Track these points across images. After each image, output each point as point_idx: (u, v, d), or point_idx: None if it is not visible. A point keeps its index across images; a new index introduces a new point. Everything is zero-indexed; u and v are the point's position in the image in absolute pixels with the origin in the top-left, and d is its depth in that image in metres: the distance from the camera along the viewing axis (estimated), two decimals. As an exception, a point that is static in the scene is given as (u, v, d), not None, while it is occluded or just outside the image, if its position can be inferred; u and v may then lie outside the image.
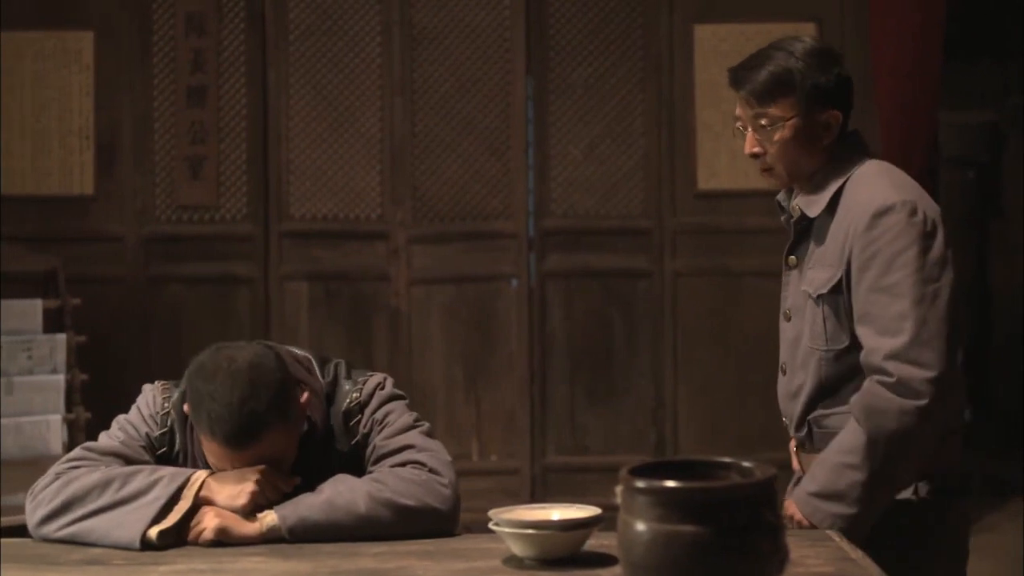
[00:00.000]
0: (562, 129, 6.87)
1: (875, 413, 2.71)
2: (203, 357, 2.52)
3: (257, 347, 2.54)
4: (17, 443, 5.74)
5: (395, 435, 2.61)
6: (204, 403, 2.45)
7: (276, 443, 2.48)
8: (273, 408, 2.45)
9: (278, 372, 2.50)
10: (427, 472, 2.53)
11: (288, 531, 2.45)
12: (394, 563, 2.26)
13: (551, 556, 2.21)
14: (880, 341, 2.73)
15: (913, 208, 2.80)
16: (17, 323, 5.85)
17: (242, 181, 6.86)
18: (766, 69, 2.96)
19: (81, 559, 2.35)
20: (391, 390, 2.69)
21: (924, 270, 2.75)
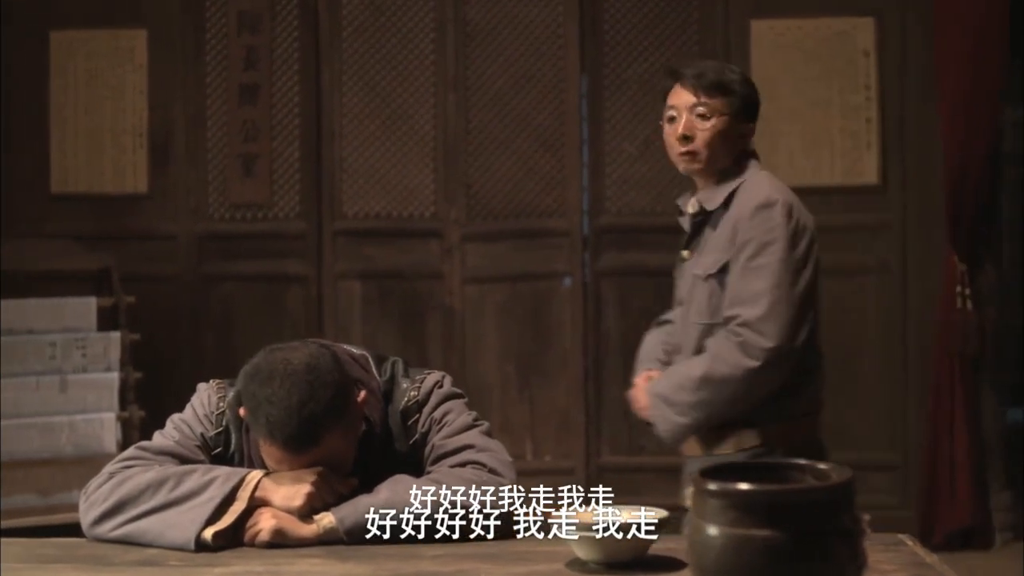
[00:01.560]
0: (616, 126, 6.80)
1: (717, 358, 3.31)
2: (258, 360, 2.47)
3: (312, 347, 2.48)
4: (71, 441, 5.73)
5: (454, 435, 2.55)
6: (262, 407, 2.40)
7: (335, 445, 2.43)
8: (332, 410, 2.40)
9: (335, 373, 2.44)
10: (487, 472, 2.47)
11: (346, 533, 2.39)
12: (454, 566, 2.20)
13: (616, 560, 2.15)
14: (739, 309, 3.29)
15: (790, 209, 3.39)
16: (72, 321, 5.84)
17: (295, 179, 6.83)
18: (715, 71, 3.52)
19: (136, 560, 2.31)
20: (449, 388, 2.63)
21: (787, 261, 3.30)
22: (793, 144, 6.65)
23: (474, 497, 2.42)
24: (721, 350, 3.31)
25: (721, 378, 3.31)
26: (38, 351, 5.75)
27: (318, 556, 2.31)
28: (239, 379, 2.57)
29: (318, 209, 6.81)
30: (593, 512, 2.24)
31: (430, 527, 2.40)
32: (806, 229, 3.39)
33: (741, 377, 3.29)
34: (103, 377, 5.87)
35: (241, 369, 2.61)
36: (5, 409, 5.67)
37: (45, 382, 5.75)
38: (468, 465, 2.49)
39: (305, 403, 2.38)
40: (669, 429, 3.47)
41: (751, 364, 3.26)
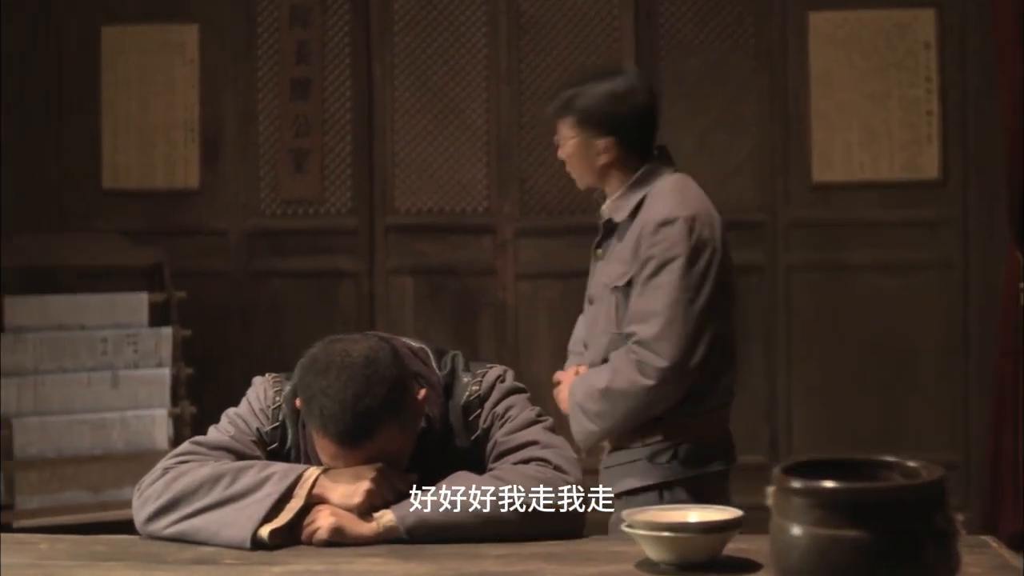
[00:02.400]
0: (672, 120, 6.68)
1: (617, 372, 3.38)
2: (316, 350, 2.39)
3: (372, 340, 2.41)
4: (123, 438, 5.69)
5: (517, 431, 2.47)
6: (317, 399, 2.32)
7: (391, 441, 2.35)
8: (388, 405, 2.32)
9: (394, 367, 2.37)
10: (552, 470, 2.39)
11: (407, 531, 2.31)
12: (519, 566, 2.12)
13: (689, 561, 2.06)
14: (637, 327, 3.35)
15: (691, 225, 3.41)
16: (123, 316, 5.81)
17: (347, 174, 6.77)
18: (559, 97, 3.62)
19: (190, 558, 2.24)
20: (512, 383, 2.55)
21: (686, 278, 3.33)
22: (851, 138, 6.54)
23: (538, 495, 2.34)
24: (620, 366, 3.39)
25: (620, 392, 3.38)
26: (90, 347, 5.72)
27: (378, 555, 2.23)
28: (296, 370, 2.51)
29: (370, 204, 6.75)
30: (665, 511, 2.15)
31: (493, 525, 2.32)
32: (707, 243, 3.41)
33: (637, 393, 3.36)
34: (155, 373, 5.83)
35: (298, 362, 2.55)
36: (57, 405, 5.64)
37: (97, 378, 5.72)
38: (532, 462, 2.41)
39: (361, 397, 2.30)
40: (580, 432, 3.54)
41: (646, 383, 3.33)
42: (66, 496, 5.60)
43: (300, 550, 2.29)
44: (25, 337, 5.63)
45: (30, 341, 5.63)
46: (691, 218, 3.41)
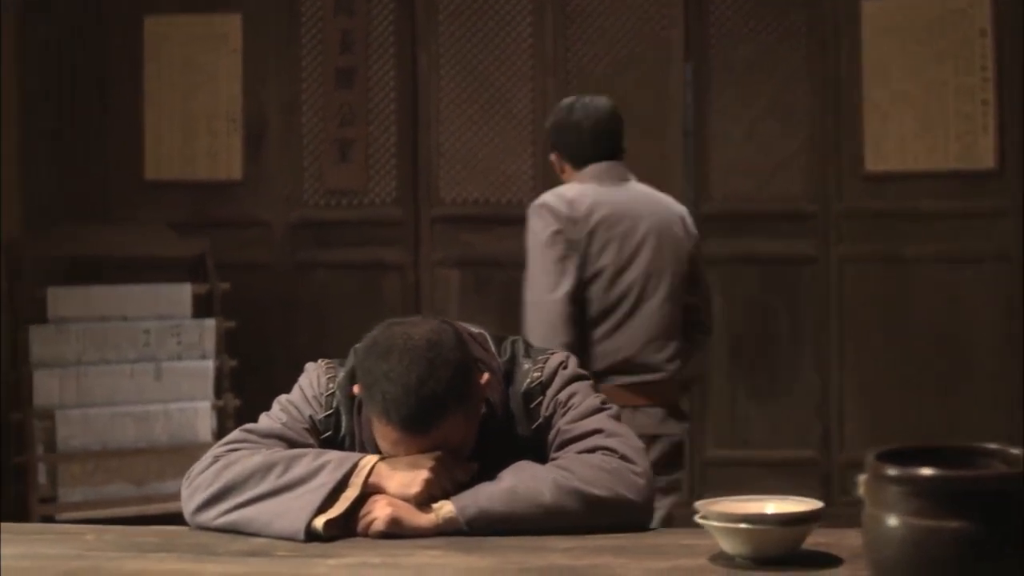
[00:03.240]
0: (722, 110, 6.59)
1: None
2: (375, 333, 2.29)
3: (434, 323, 2.31)
4: (166, 430, 5.63)
5: (581, 419, 2.36)
6: (378, 384, 2.22)
7: (455, 428, 2.25)
8: (453, 389, 2.22)
9: (457, 350, 2.26)
10: (618, 459, 2.28)
11: (467, 523, 2.21)
12: (587, 559, 2.02)
13: (767, 554, 1.95)
14: None
15: (539, 208, 4.05)
16: (166, 308, 5.74)
17: (391, 165, 6.69)
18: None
19: (242, 550, 2.15)
20: (575, 369, 2.45)
21: (537, 264, 4.02)
22: (905, 128, 6.41)
23: (604, 485, 2.24)
24: None
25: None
26: (133, 338, 5.65)
27: (438, 548, 2.13)
28: (352, 355, 2.41)
29: (415, 195, 6.67)
30: (739, 502, 2.04)
31: (557, 517, 2.21)
32: (549, 226, 4.00)
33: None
34: (198, 365, 5.76)
35: (352, 347, 2.46)
36: (100, 397, 5.57)
37: (140, 370, 5.65)
38: (597, 451, 2.30)
39: (424, 381, 2.20)
40: None
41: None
42: (109, 489, 5.54)
43: (355, 542, 2.20)
44: (68, 328, 5.57)
45: (73, 332, 5.56)
46: (540, 204, 4.06)
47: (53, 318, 5.57)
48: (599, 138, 4.18)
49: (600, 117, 4.20)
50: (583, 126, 4.16)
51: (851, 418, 6.50)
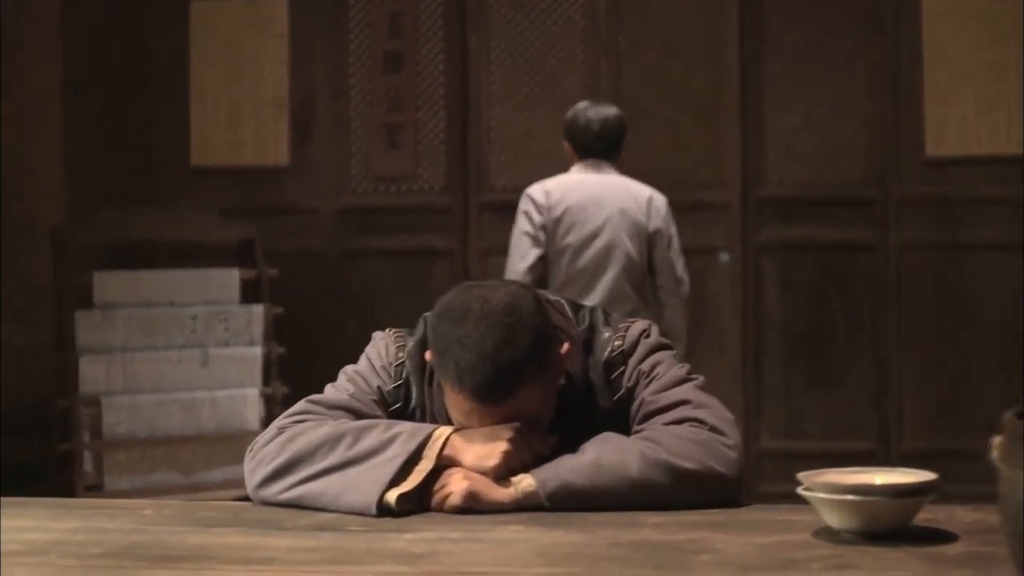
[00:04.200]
0: (777, 93, 6.45)
1: None
2: (450, 297, 2.16)
3: (512, 286, 2.18)
4: (213, 418, 5.53)
5: (666, 389, 2.23)
6: (452, 350, 2.09)
7: (532, 399, 2.12)
8: (532, 357, 2.09)
9: (537, 316, 2.13)
10: (708, 431, 2.15)
11: (548, 497, 2.08)
12: (682, 535, 1.89)
13: (876, 528, 1.81)
14: None
15: (524, 196, 5.21)
16: (214, 293, 5.64)
17: (440, 150, 6.58)
18: None
19: (310, 524, 2.02)
20: (657, 338, 2.31)
21: (513, 240, 5.19)
22: (966, 111, 6.26)
23: (694, 458, 2.10)
24: None
25: None
26: (180, 324, 5.55)
27: (519, 523, 2.00)
28: (420, 323, 2.29)
29: (464, 182, 6.56)
30: (844, 474, 1.91)
31: (644, 492, 2.08)
32: (527, 208, 5.17)
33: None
34: (246, 351, 5.66)
35: (421, 315, 2.33)
36: (146, 383, 5.48)
37: (187, 356, 5.55)
38: (685, 423, 2.16)
39: (501, 348, 2.07)
40: None
41: None
42: (156, 478, 5.44)
43: (430, 517, 2.07)
44: (114, 313, 5.47)
45: (119, 318, 5.47)
46: (525, 193, 5.21)
47: (99, 303, 5.48)
48: (600, 139, 5.14)
49: (605, 123, 5.16)
50: (591, 127, 5.14)
51: (909, 409, 6.35)
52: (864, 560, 1.71)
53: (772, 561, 1.72)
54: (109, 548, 1.87)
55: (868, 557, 1.72)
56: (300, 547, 1.87)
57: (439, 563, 1.75)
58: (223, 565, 1.76)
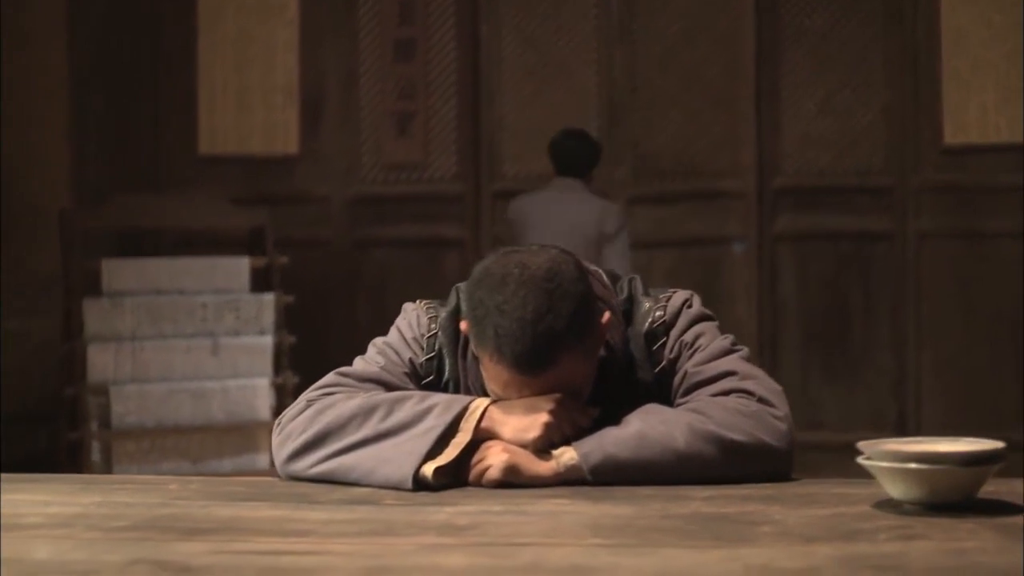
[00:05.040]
0: (795, 80, 6.37)
1: None
2: (488, 262, 2.07)
3: (553, 251, 2.08)
4: (223, 408, 5.44)
5: (710, 360, 2.13)
6: (490, 317, 2.00)
7: (574, 369, 2.02)
8: (573, 326, 1.99)
9: (580, 283, 2.04)
10: (756, 403, 2.06)
11: (591, 471, 1.99)
12: (734, 507, 1.80)
13: (941, 499, 1.72)
14: None
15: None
16: (224, 281, 5.55)
17: (451, 138, 6.50)
18: None
19: (344, 498, 1.94)
20: (700, 309, 2.22)
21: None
22: (986, 99, 6.17)
23: (743, 430, 2.02)
24: None
25: None
26: (189, 312, 5.45)
27: (562, 496, 1.91)
28: (456, 292, 2.20)
29: (476, 170, 6.48)
30: (904, 444, 1.82)
31: (691, 465, 1.99)
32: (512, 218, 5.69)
33: None
34: (256, 341, 5.57)
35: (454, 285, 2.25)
36: (155, 373, 5.39)
37: (196, 345, 5.46)
38: (732, 394, 2.08)
39: (542, 316, 1.97)
40: None
41: None
42: (165, 468, 5.34)
43: (469, 491, 1.98)
44: (123, 301, 5.37)
45: (128, 306, 5.37)
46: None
47: (108, 291, 5.38)
48: (569, 161, 5.67)
49: (581, 147, 5.68)
50: (565, 152, 5.67)
51: (928, 399, 6.27)
52: (932, 531, 1.62)
53: (836, 532, 1.63)
54: (135, 521, 1.78)
55: (936, 528, 1.63)
56: (336, 519, 1.78)
57: (485, 535, 1.66)
58: (257, 537, 1.68)
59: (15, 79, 5.81)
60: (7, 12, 5.74)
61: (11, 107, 5.75)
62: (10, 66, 5.77)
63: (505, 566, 1.50)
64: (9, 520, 1.77)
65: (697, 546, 1.58)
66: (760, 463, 2.02)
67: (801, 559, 1.48)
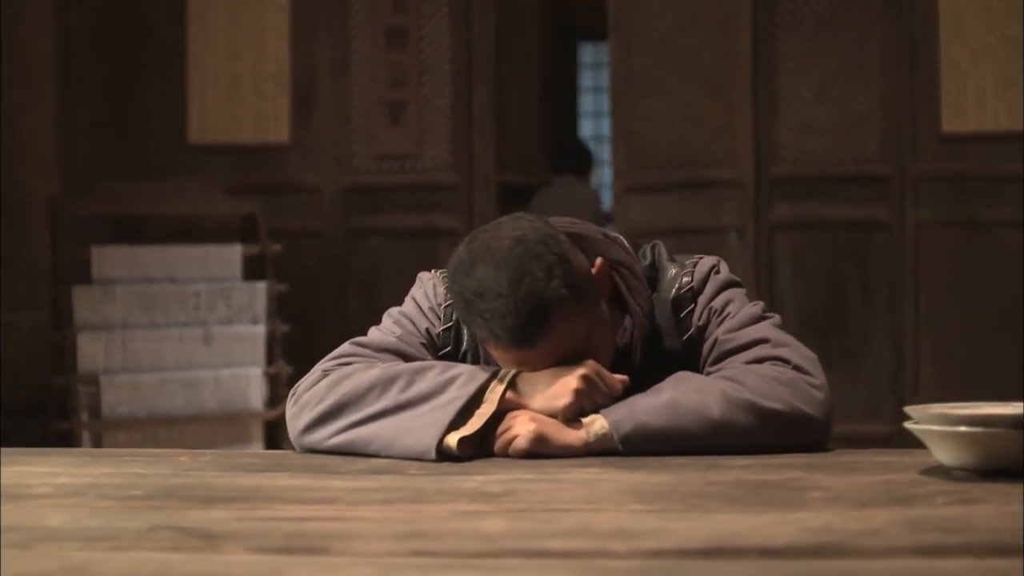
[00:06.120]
0: (791, 67, 6.30)
1: None
2: (458, 253, 2.00)
3: (517, 219, 2.00)
4: (216, 397, 5.36)
5: (741, 327, 2.06)
6: (473, 305, 1.93)
7: (572, 326, 1.94)
8: (552, 281, 1.92)
9: (548, 241, 1.96)
10: (792, 370, 1.99)
11: (622, 440, 1.91)
12: (776, 475, 1.73)
13: (994, 464, 1.64)
14: None
15: None
16: (216, 270, 5.47)
17: (445, 127, 6.42)
18: None
19: (366, 468, 1.86)
20: (728, 275, 2.15)
21: None
22: (985, 85, 6.11)
23: (780, 398, 1.94)
24: None
25: None
26: (181, 301, 5.38)
27: (594, 466, 1.83)
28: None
29: (469, 159, 6.39)
30: (956, 407, 1.75)
31: (726, 434, 1.92)
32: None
33: None
34: (249, 330, 5.49)
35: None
36: (146, 362, 5.30)
37: (188, 334, 5.38)
38: (766, 362, 2.00)
39: (518, 284, 1.90)
40: None
41: None
42: (156, 459, 5.25)
43: (497, 461, 1.90)
44: (113, 289, 5.29)
45: (118, 294, 5.29)
46: None
47: (98, 279, 5.30)
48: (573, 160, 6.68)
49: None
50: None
51: (927, 390, 6.20)
52: (990, 496, 1.55)
53: (890, 497, 1.56)
54: (149, 490, 1.70)
55: (994, 493, 1.56)
56: (361, 487, 1.71)
57: (521, 501, 1.59)
58: (280, 504, 1.60)
59: (4, 67, 5.72)
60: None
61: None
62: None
63: (549, 530, 1.42)
64: (16, 490, 1.69)
65: (747, 511, 1.50)
66: (797, 433, 1.95)
67: (860, 522, 1.41)
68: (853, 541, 1.30)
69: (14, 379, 5.48)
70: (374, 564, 1.26)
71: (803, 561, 1.22)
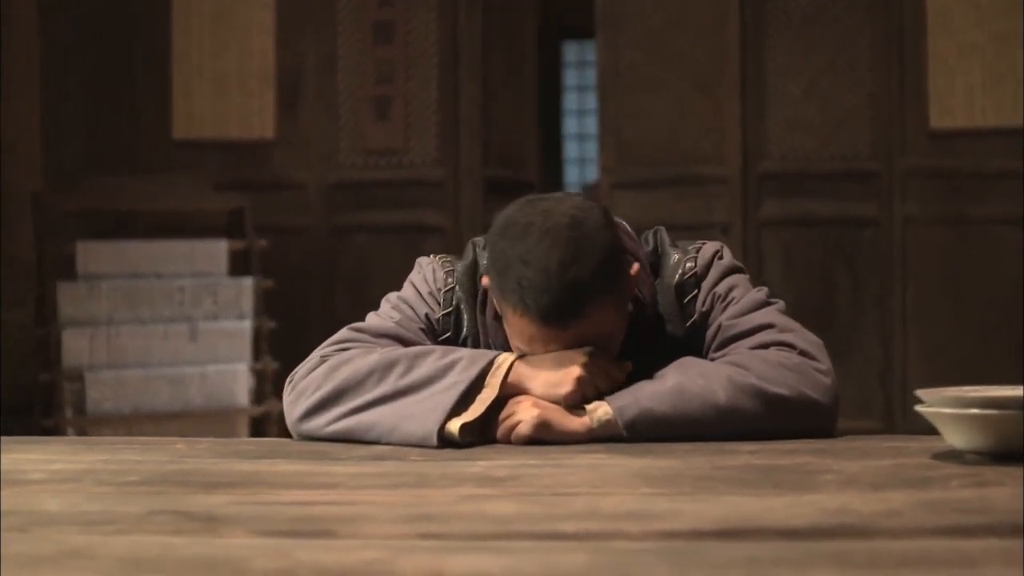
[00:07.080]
0: (780, 64, 6.28)
1: None
2: (511, 212, 1.96)
3: (578, 199, 1.98)
4: (202, 393, 5.32)
5: (746, 313, 2.04)
6: (513, 269, 1.89)
7: (602, 322, 1.92)
8: (601, 276, 1.89)
9: (606, 232, 1.93)
10: (798, 355, 1.96)
11: (626, 426, 1.88)
12: (786, 460, 1.70)
13: (1005, 448, 1.62)
14: None
15: None
16: (202, 265, 5.43)
17: (432, 123, 6.38)
18: None
19: (367, 454, 1.83)
20: (731, 260, 2.13)
21: None
22: (973, 81, 6.10)
23: (787, 384, 1.92)
24: None
25: None
26: (167, 296, 5.34)
27: (599, 451, 1.81)
28: (474, 246, 2.11)
29: (456, 155, 6.36)
30: (968, 390, 1.72)
31: (732, 420, 1.89)
32: None
33: None
34: (235, 325, 5.45)
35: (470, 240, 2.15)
36: (132, 358, 5.26)
37: (174, 330, 5.34)
38: (772, 347, 1.98)
39: (568, 266, 1.87)
40: None
41: None
42: (142, 456, 5.21)
43: (500, 447, 1.88)
44: (99, 285, 5.25)
45: (104, 289, 5.25)
46: None
47: (83, 274, 5.26)
48: None
49: None
50: None
51: (916, 387, 6.07)
52: (1005, 478, 1.52)
53: (905, 480, 1.54)
54: (146, 476, 1.67)
55: (1008, 476, 1.54)
56: (364, 472, 1.68)
57: (528, 485, 1.56)
58: (281, 489, 1.56)
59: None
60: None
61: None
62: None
63: (558, 513, 1.39)
64: (12, 476, 1.65)
65: (759, 493, 1.48)
66: (803, 418, 1.92)
67: (877, 504, 1.38)
68: (874, 522, 1.28)
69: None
70: (383, 547, 1.23)
71: (825, 542, 1.20)
